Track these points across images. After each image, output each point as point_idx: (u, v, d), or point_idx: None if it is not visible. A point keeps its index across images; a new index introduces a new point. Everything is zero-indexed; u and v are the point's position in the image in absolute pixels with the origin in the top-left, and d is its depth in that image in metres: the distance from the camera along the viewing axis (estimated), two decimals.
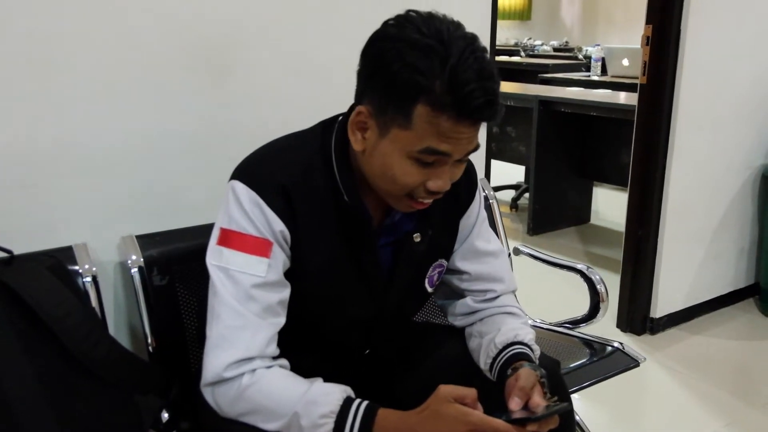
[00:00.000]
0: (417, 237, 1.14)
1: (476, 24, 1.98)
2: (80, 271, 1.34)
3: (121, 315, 1.52)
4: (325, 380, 1.05)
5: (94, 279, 1.35)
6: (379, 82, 0.97)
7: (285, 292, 1.07)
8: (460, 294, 1.28)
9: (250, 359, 1.02)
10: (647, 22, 2.59)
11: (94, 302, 1.34)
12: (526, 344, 1.16)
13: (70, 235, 1.41)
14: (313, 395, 0.99)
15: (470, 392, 0.97)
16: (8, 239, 1.21)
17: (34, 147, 1.36)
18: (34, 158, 1.36)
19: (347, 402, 1.00)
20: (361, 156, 1.05)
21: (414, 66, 0.93)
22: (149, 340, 1.38)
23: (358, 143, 1.03)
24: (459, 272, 1.26)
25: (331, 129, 1.11)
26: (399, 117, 0.96)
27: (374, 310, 1.18)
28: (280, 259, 1.05)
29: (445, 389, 0.98)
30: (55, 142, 1.38)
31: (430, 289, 1.24)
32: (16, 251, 1.20)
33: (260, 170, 1.07)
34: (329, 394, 1.00)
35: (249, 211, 1.02)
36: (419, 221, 1.14)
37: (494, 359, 1.16)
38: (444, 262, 1.23)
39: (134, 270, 1.38)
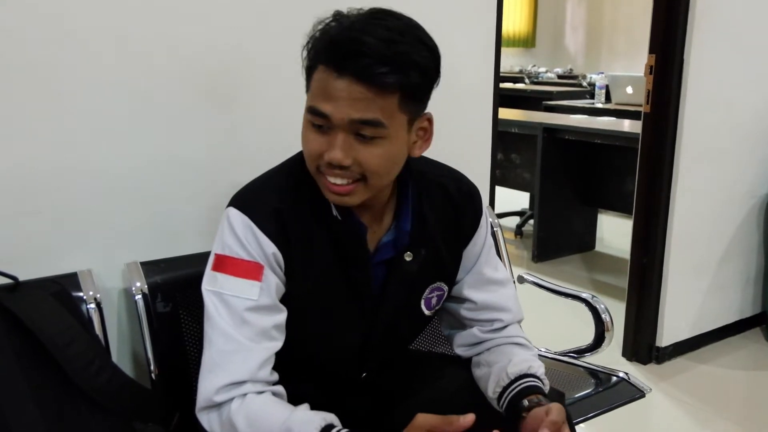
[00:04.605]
0: (408, 256, 1.14)
1: (481, 51, 2.01)
2: (84, 297, 1.34)
3: (124, 341, 1.51)
4: (322, 408, 1.04)
5: (98, 305, 1.35)
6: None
7: (279, 316, 1.07)
8: (467, 324, 1.27)
9: (240, 383, 1.02)
10: (650, 52, 2.60)
11: (97, 329, 1.34)
12: (538, 378, 1.15)
13: (75, 261, 1.41)
14: (292, 423, 0.99)
15: (453, 419, 0.97)
16: (13, 265, 1.21)
17: (39, 173, 1.37)
18: (39, 185, 1.37)
19: (325, 430, 0.99)
20: None
21: (313, 37, 1.01)
22: (152, 367, 1.38)
23: None
24: (465, 301, 1.25)
25: None
26: (307, 84, 1.03)
27: (365, 330, 1.17)
28: (272, 283, 1.06)
29: (423, 419, 0.98)
30: (61, 168, 1.39)
31: (427, 312, 1.23)
32: (22, 277, 1.20)
33: (253, 196, 1.09)
34: (308, 422, 0.99)
35: (241, 236, 1.04)
36: (413, 240, 1.14)
37: (505, 389, 1.15)
38: (443, 286, 1.23)
39: (138, 297, 1.38)
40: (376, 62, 0.94)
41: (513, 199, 4.95)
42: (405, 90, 0.97)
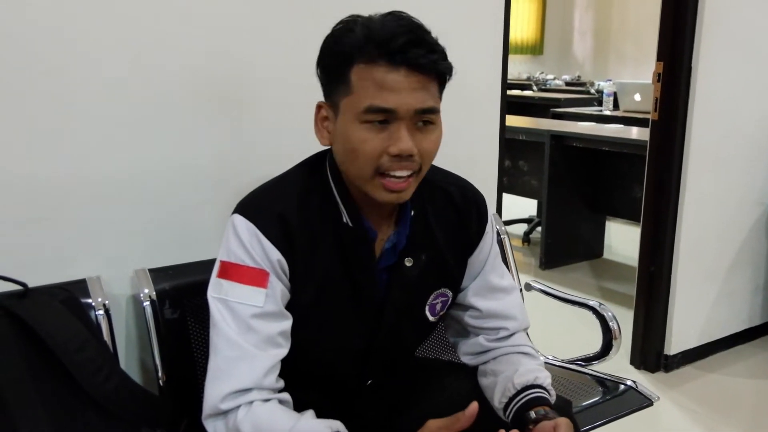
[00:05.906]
0: (408, 261, 1.14)
1: (488, 58, 2.01)
2: (93, 304, 1.35)
3: (132, 348, 1.52)
4: (326, 415, 1.05)
5: (107, 312, 1.36)
6: (323, 69, 1.06)
7: (285, 323, 1.08)
8: (472, 332, 1.27)
9: (246, 390, 1.02)
10: (658, 59, 2.60)
11: (106, 335, 1.35)
12: (545, 389, 1.15)
13: (84, 268, 1.42)
14: (298, 430, 0.99)
15: (459, 416, 0.98)
16: (23, 272, 1.22)
17: (48, 181, 1.38)
18: (48, 192, 1.38)
19: None
20: (334, 153, 1.09)
21: (339, 38, 1.02)
22: (160, 373, 1.38)
23: (324, 137, 1.08)
24: (470, 309, 1.25)
25: (324, 158, 1.14)
26: (341, 87, 1.02)
27: (368, 334, 1.17)
28: (278, 290, 1.06)
29: (434, 423, 0.99)
30: (70, 175, 1.40)
31: (432, 318, 1.22)
32: (31, 284, 1.20)
33: (258, 203, 1.09)
34: (314, 430, 1.00)
35: (246, 243, 1.04)
36: (412, 245, 1.14)
37: (511, 399, 1.15)
38: (448, 292, 1.23)
39: (146, 303, 1.39)
40: (428, 51, 0.98)
41: (520, 207, 4.95)
42: (442, 77, 1.03)
